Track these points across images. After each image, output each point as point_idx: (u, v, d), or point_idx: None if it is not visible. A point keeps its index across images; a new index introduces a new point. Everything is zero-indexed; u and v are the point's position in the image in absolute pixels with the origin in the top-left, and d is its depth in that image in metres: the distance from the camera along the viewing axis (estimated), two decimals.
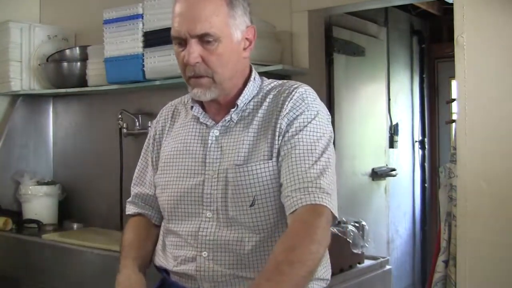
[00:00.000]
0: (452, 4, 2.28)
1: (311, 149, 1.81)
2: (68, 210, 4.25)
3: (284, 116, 1.86)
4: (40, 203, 4.08)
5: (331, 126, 1.93)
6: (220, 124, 1.94)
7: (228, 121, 1.94)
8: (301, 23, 3.39)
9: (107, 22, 3.61)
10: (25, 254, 3.73)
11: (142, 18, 3.45)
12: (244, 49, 1.94)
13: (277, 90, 1.95)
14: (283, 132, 1.85)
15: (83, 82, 3.92)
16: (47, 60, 4.10)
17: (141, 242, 2.08)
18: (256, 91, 1.97)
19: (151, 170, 2.13)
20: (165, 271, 2.04)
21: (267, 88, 1.98)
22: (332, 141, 1.90)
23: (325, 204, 1.75)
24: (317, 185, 1.77)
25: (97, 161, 4.16)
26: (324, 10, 3.48)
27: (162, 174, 2.02)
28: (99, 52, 3.72)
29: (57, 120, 4.52)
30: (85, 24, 4.33)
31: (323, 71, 3.63)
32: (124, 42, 3.53)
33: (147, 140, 2.19)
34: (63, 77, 3.99)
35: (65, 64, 3.98)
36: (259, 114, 1.92)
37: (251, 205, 1.84)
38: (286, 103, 1.87)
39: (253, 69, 2.02)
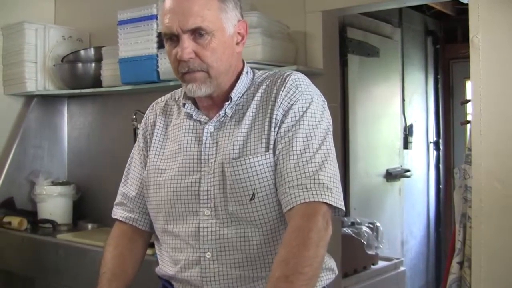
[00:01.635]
0: (466, 4, 2.28)
1: (307, 142, 1.78)
2: (83, 210, 4.28)
3: (279, 106, 1.82)
4: (54, 203, 4.11)
5: (327, 112, 1.89)
6: (214, 119, 1.90)
7: (223, 116, 1.90)
8: (315, 23, 3.38)
9: (122, 23, 3.62)
10: (40, 253, 3.75)
11: (157, 19, 3.46)
12: (237, 43, 1.91)
13: (269, 80, 1.92)
14: (278, 123, 1.81)
15: (97, 82, 3.93)
16: (61, 61, 4.12)
17: (123, 267, 2.01)
18: (248, 84, 1.94)
19: (141, 169, 2.07)
20: (167, 281, 1.99)
21: (259, 80, 1.95)
22: (330, 128, 1.86)
23: (323, 200, 1.71)
24: (315, 180, 1.73)
25: (112, 161, 4.18)
26: (338, 11, 3.47)
27: (158, 174, 1.96)
28: (114, 52, 3.73)
29: (72, 121, 4.55)
30: (100, 25, 4.34)
31: (337, 71, 3.62)
32: (139, 43, 3.53)
33: (137, 137, 2.14)
34: (77, 78, 4.01)
35: (79, 64, 4.00)
36: (252, 106, 1.88)
37: (251, 199, 1.80)
38: (280, 92, 1.84)
39: (246, 63, 1.99)
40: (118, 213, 2.12)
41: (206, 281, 1.86)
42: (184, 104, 1.97)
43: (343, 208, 1.78)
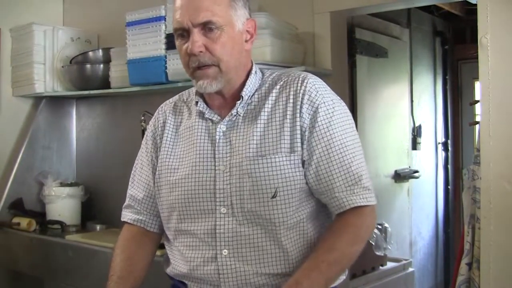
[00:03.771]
0: (475, 4, 2.27)
1: (345, 145, 1.86)
2: (91, 211, 4.28)
3: (301, 109, 1.87)
4: (63, 204, 4.11)
5: (347, 108, 1.96)
6: (226, 119, 1.93)
7: (235, 115, 1.93)
8: (324, 24, 3.38)
9: (130, 24, 3.62)
10: (49, 254, 3.76)
11: (165, 20, 3.46)
12: (246, 41, 1.94)
13: (283, 80, 1.95)
14: (307, 127, 1.86)
15: (106, 84, 3.94)
16: (70, 62, 4.13)
17: (130, 269, 2.03)
18: (258, 84, 1.97)
19: (148, 170, 2.09)
20: (180, 281, 2.00)
21: (270, 79, 1.98)
22: (353, 124, 1.95)
23: (369, 203, 1.86)
24: (361, 184, 1.86)
25: (120, 162, 4.18)
26: (346, 12, 3.47)
27: (170, 173, 1.98)
28: (122, 54, 3.74)
29: (80, 122, 4.56)
30: (108, 26, 4.35)
31: (345, 72, 3.61)
32: (147, 44, 3.54)
33: (144, 138, 2.16)
34: (86, 79, 4.01)
35: (88, 66, 4.00)
36: (266, 106, 1.91)
37: (273, 197, 1.84)
38: (300, 94, 1.88)
39: (254, 63, 2.01)
40: (126, 215, 2.14)
41: (223, 278, 1.88)
42: (197, 103, 1.98)
43: (376, 201, 1.92)
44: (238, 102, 1.91)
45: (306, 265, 1.80)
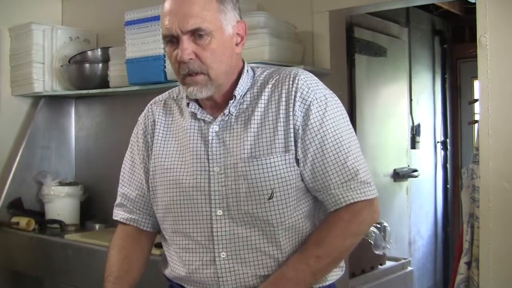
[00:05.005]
0: (474, 3, 2.27)
1: (339, 140, 1.84)
2: (90, 211, 4.28)
3: (294, 107, 1.84)
4: (62, 204, 4.11)
5: (341, 103, 1.94)
6: (219, 119, 1.90)
7: (227, 115, 1.90)
8: (322, 23, 3.38)
9: (129, 23, 3.62)
10: (48, 254, 3.76)
11: None
12: (237, 44, 1.91)
13: (274, 79, 1.92)
14: (300, 125, 1.84)
15: (105, 83, 3.93)
16: (69, 62, 4.12)
17: (127, 269, 2.02)
18: (250, 83, 1.94)
19: (140, 169, 2.07)
20: (178, 284, 1.99)
21: (262, 78, 1.95)
22: (348, 117, 1.93)
23: (367, 197, 1.84)
24: (358, 179, 1.83)
25: (119, 162, 4.12)
26: (345, 11, 3.47)
27: (164, 173, 1.96)
28: (121, 53, 3.73)
29: (79, 121, 4.55)
30: (107, 25, 4.34)
31: (344, 71, 3.62)
32: (146, 43, 3.53)
33: (134, 136, 2.15)
34: (85, 79, 4.01)
35: (87, 65, 4.00)
36: (259, 106, 1.89)
37: (269, 198, 1.82)
38: (292, 93, 1.86)
39: (245, 62, 1.99)
40: (118, 214, 2.13)
41: (222, 280, 1.87)
42: (188, 104, 1.96)
43: (377, 193, 1.91)
44: (231, 101, 1.89)
45: (294, 258, 1.83)
